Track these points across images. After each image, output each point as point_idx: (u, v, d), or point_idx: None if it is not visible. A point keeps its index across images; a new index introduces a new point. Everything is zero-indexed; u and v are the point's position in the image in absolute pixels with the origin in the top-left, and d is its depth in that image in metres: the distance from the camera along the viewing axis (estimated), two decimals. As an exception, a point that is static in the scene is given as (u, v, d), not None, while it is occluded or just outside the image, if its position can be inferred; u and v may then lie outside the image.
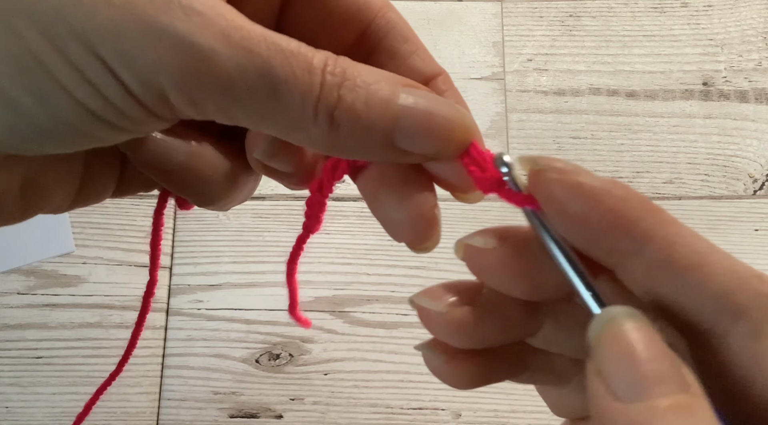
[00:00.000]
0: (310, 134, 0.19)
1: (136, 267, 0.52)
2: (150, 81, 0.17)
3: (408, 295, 0.57)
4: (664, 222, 0.18)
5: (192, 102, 0.18)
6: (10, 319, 0.51)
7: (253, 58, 0.17)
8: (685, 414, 0.16)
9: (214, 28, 0.17)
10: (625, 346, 0.17)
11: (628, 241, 0.18)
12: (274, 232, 0.53)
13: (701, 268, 0.17)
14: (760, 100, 0.57)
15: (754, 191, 0.55)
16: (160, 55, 0.16)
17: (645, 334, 0.17)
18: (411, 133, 0.19)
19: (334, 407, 0.49)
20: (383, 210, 0.21)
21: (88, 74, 0.17)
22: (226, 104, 0.18)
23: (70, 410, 0.49)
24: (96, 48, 0.16)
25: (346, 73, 0.18)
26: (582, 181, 0.18)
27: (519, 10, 0.60)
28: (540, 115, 0.57)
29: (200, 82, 0.17)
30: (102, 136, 0.19)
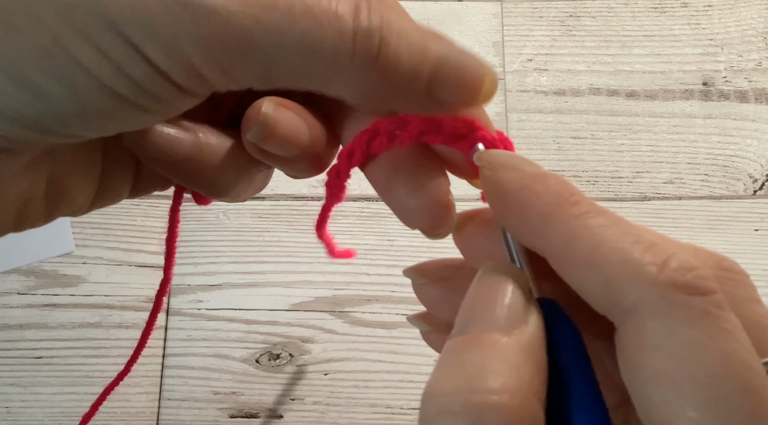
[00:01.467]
0: (348, 82, 0.18)
1: (136, 267, 0.52)
2: (176, 52, 0.17)
3: (408, 295, 0.57)
4: (570, 214, 0.17)
5: (222, 69, 0.17)
6: (10, 319, 0.51)
7: (271, 14, 0.17)
8: (480, 345, 0.16)
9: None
10: (472, 292, 0.18)
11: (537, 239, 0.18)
12: (274, 232, 0.53)
13: (595, 261, 0.16)
14: (760, 100, 0.57)
15: (754, 191, 0.55)
16: (181, 23, 0.16)
17: (495, 282, 0.17)
18: (447, 81, 0.19)
19: (334, 407, 0.49)
20: (397, 197, 0.21)
21: (111, 53, 0.17)
22: (257, 65, 0.18)
23: (70, 410, 0.49)
24: (117, 24, 0.16)
25: (383, 17, 0.18)
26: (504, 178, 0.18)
27: (519, 10, 0.60)
28: (540, 115, 0.57)
29: (225, 45, 0.17)
30: (132, 118, 0.19)
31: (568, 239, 0.17)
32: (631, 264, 0.16)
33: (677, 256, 0.16)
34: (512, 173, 0.19)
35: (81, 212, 0.24)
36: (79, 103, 0.17)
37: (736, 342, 0.15)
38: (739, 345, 0.15)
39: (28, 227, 0.22)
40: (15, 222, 0.21)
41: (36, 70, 0.17)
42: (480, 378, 0.15)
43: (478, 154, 0.20)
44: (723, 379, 0.14)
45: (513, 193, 0.18)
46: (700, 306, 0.15)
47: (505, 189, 0.18)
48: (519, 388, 0.15)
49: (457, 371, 0.16)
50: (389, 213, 0.58)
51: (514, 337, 0.16)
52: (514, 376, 0.15)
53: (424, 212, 0.21)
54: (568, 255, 0.17)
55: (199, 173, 0.23)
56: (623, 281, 0.16)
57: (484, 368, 0.15)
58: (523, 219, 0.18)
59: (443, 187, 0.21)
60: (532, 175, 0.18)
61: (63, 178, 0.22)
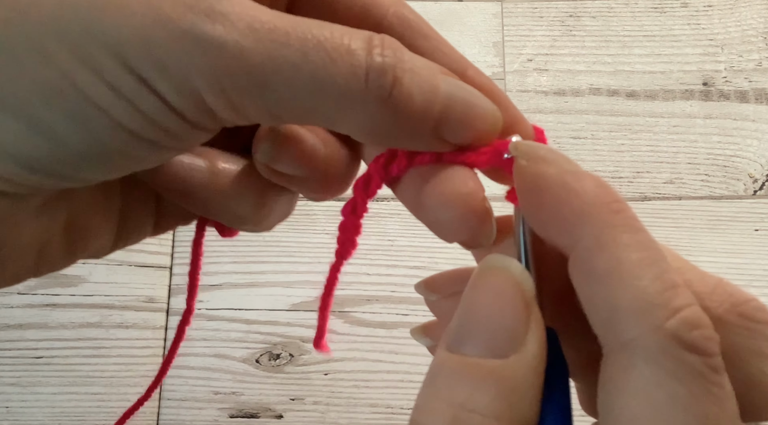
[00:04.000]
0: (359, 119, 0.18)
1: (137, 267, 0.52)
2: (186, 88, 0.16)
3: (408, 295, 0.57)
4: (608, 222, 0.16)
5: (231, 105, 0.17)
6: (10, 319, 0.51)
7: (282, 49, 0.17)
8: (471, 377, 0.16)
9: (240, 25, 0.16)
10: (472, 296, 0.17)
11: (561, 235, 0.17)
12: (274, 232, 0.53)
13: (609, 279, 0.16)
14: (760, 100, 0.57)
15: (754, 191, 0.55)
16: (192, 58, 0.16)
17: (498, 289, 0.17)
18: (454, 122, 0.19)
19: (334, 407, 0.49)
20: (429, 213, 0.20)
21: (123, 90, 0.16)
22: (267, 103, 0.17)
23: (70, 410, 0.49)
24: (128, 60, 0.16)
25: (397, 54, 0.18)
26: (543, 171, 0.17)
27: (519, 10, 0.60)
28: (540, 115, 0.57)
29: (235, 82, 0.16)
30: (143, 156, 0.18)
31: (594, 246, 0.16)
32: (643, 301, 0.15)
33: (691, 309, 0.15)
34: (552, 167, 0.18)
35: (103, 253, 0.23)
36: (90, 142, 0.17)
37: (720, 409, 0.15)
38: (722, 412, 0.15)
39: (48, 271, 0.21)
40: (34, 267, 0.21)
41: (45, 108, 0.16)
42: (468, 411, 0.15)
43: (515, 144, 0.19)
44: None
45: (550, 188, 0.17)
46: (694, 365, 0.15)
47: (542, 182, 0.17)
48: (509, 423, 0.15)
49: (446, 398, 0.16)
50: (389, 214, 0.58)
51: (511, 364, 0.16)
52: (506, 409, 0.15)
53: (460, 223, 0.20)
54: (588, 262, 0.16)
55: (216, 201, 0.23)
56: (630, 314, 0.15)
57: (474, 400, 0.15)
58: (555, 215, 0.17)
59: (477, 193, 0.19)
60: (572, 172, 0.17)
61: (81, 218, 0.21)
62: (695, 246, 0.53)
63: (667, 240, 0.53)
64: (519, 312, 0.16)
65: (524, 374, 0.16)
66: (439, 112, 0.18)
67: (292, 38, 0.17)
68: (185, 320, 0.28)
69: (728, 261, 0.53)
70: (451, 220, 0.20)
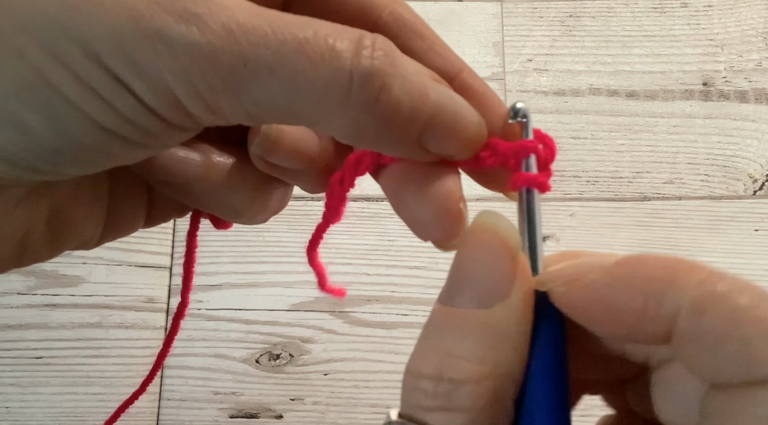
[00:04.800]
0: (340, 124, 0.17)
1: (136, 267, 0.52)
2: (160, 87, 0.16)
3: (408, 295, 0.57)
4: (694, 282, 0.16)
5: (207, 106, 0.17)
6: (10, 319, 0.51)
7: (259, 51, 0.16)
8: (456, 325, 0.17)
9: (215, 26, 0.16)
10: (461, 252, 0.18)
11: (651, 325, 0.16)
12: (274, 232, 0.53)
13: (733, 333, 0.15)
14: (760, 100, 0.57)
15: (754, 191, 0.55)
16: (163, 58, 0.16)
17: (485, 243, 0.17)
18: (439, 134, 0.18)
19: (334, 407, 0.49)
20: (407, 208, 0.20)
21: (96, 87, 0.16)
22: (242, 104, 0.17)
23: (70, 410, 0.49)
24: (101, 57, 0.16)
25: (389, 57, 0.17)
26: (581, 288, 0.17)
27: (519, 10, 0.60)
28: (540, 115, 0.57)
29: (208, 83, 0.16)
30: (122, 153, 0.18)
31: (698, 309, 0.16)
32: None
33: None
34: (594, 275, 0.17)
35: (91, 245, 0.23)
36: (65, 138, 0.17)
37: None
38: None
39: (31, 262, 0.21)
40: (16, 257, 0.20)
41: (19, 104, 0.16)
42: (454, 357, 0.16)
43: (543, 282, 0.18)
44: None
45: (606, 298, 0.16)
46: None
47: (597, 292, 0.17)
48: (493, 367, 0.16)
49: (435, 347, 0.17)
50: (389, 214, 0.58)
51: (495, 313, 0.17)
52: (489, 355, 0.16)
53: (435, 222, 0.20)
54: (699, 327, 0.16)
55: (211, 194, 0.22)
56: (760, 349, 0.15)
57: (460, 346, 0.16)
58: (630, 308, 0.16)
59: (454, 194, 0.19)
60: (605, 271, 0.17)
61: (65, 209, 0.21)
62: (695, 246, 0.53)
63: (667, 240, 0.53)
64: (504, 265, 0.17)
65: (507, 322, 0.17)
66: (425, 121, 0.18)
67: (269, 39, 0.16)
68: (180, 313, 0.28)
69: (728, 261, 0.53)
70: (425, 219, 0.20)
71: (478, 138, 0.19)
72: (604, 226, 0.54)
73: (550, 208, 0.54)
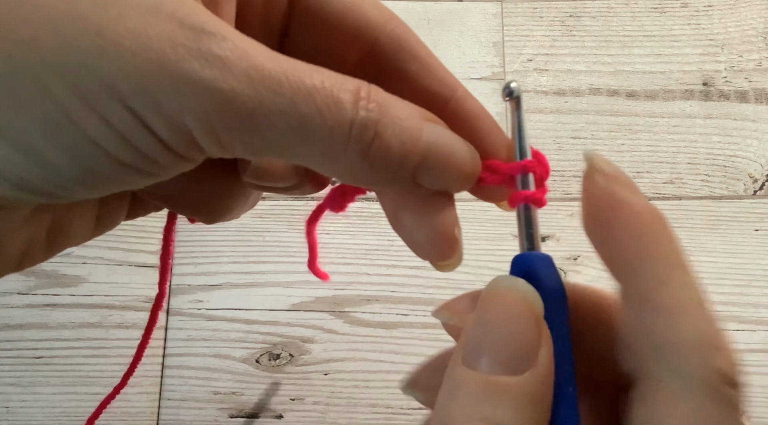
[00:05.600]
0: (338, 167, 0.19)
1: (137, 267, 0.52)
2: (178, 126, 0.17)
3: (408, 295, 0.57)
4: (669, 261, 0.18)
5: (219, 142, 0.18)
6: (10, 319, 0.51)
7: (275, 97, 0.17)
8: (493, 394, 0.17)
9: (236, 70, 0.17)
10: (485, 315, 0.18)
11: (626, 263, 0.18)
12: (274, 232, 0.53)
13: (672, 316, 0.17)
14: (760, 100, 0.57)
15: (754, 191, 0.55)
16: (186, 99, 0.17)
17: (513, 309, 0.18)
18: (432, 171, 0.19)
19: (334, 407, 0.49)
20: (404, 230, 0.22)
21: (118, 126, 0.17)
22: (254, 143, 0.18)
23: (70, 410, 0.49)
24: (125, 98, 0.16)
25: (382, 108, 0.18)
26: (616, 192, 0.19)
27: (519, 10, 0.60)
28: (540, 115, 0.57)
29: (226, 124, 0.17)
30: (132, 181, 0.19)
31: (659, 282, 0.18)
32: (704, 340, 0.17)
33: (734, 352, 0.18)
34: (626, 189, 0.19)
35: (79, 242, 0.24)
36: (82, 170, 0.17)
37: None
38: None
39: (29, 266, 0.22)
40: (16, 265, 0.21)
41: (42, 139, 0.17)
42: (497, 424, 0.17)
43: (590, 156, 0.19)
44: None
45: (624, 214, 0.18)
46: (735, 399, 0.17)
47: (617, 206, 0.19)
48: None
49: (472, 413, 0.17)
50: (389, 213, 0.57)
51: (527, 380, 0.17)
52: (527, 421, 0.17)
53: (431, 246, 0.21)
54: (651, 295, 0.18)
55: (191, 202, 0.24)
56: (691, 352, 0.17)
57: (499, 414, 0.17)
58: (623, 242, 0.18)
59: (449, 221, 0.21)
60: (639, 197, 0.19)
61: (64, 219, 0.22)
62: (695, 246, 0.53)
63: (667, 240, 0.53)
64: (531, 331, 0.18)
65: (538, 388, 0.17)
66: (417, 161, 0.19)
67: (284, 86, 0.17)
68: (158, 304, 0.30)
69: (728, 261, 0.53)
70: (421, 242, 0.21)
71: (472, 172, 0.20)
72: (604, 226, 0.54)
73: (550, 208, 0.54)
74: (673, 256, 0.18)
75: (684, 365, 0.17)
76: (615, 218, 0.18)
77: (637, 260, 0.18)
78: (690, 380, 0.17)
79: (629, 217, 0.18)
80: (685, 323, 0.17)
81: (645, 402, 0.17)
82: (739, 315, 0.51)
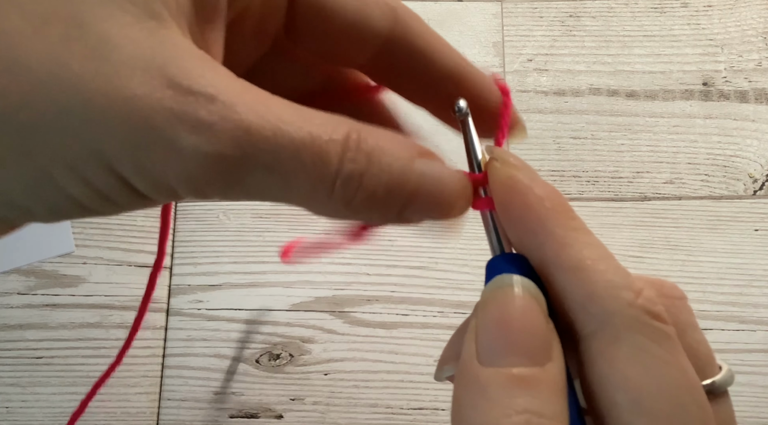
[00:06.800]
0: (321, 212, 0.19)
1: (136, 267, 0.52)
2: (161, 184, 0.17)
3: (408, 295, 0.57)
4: (567, 226, 0.19)
5: (201, 193, 0.18)
6: (10, 319, 0.51)
7: (260, 154, 0.17)
8: (526, 386, 0.17)
9: (222, 135, 0.17)
10: (499, 312, 0.19)
11: (531, 235, 0.19)
12: (274, 232, 0.53)
13: (582, 271, 0.18)
14: (760, 100, 0.57)
15: (754, 191, 0.55)
16: (171, 164, 0.17)
17: (523, 304, 0.19)
18: (419, 209, 0.20)
19: (334, 407, 0.49)
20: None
21: (100, 187, 0.17)
22: (234, 193, 0.18)
23: (70, 410, 0.49)
24: (110, 163, 0.17)
25: (370, 157, 0.19)
26: (514, 174, 0.20)
27: (519, 10, 0.60)
28: (540, 115, 0.57)
29: (208, 180, 0.17)
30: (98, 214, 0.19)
31: (562, 245, 0.19)
32: (614, 285, 0.18)
33: (648, 289, 0.19)
34: (521, 172, 0.20)
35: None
36: (54, 215, 0.18)
37: (687, 361, 0.18)
38: (688, 363, 0.18)
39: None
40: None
41: (23, 197, 0.17)
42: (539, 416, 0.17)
43: (490, 148, 0.21)
44: (684, 390, 0.18)
45: (521, 191, 0.20)
46: (664, 330, 0.18)
47: (514, 185, 0.20)
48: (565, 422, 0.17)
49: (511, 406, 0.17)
50: (389, 214, 0.57)
51: (551, 370, 0.18)
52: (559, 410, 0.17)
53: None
54: (558, 259, 0.19)
55: None
56: (606, 298, 0.18)
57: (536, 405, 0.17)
58: (525, 217, 0.20)
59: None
60: (536, 179, 0.20)
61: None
62: (695, 246, 0.53)
63: (667, 240, 0.53)
64: (544, 325, 0.19)
65: (561, 377, 0.18)
66: (402, 204, 0.19)
67: (270, 143, 0.17)
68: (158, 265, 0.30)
69: (728, 261, 0.53)
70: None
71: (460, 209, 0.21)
72: (604, 226, 0.54)
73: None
74: (572, 222, 0.19)
75: (605, 312, 0.18)
76: (516, 198, 0.20)
77: (541, 231, 0.19)
78: (616, 324, 0.18)
79: (528, 195, 0.20)
80: (594, 275, 0.18)
81: (589, 358, 0.18)
82: (739, 315, 0.51)
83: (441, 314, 0.51)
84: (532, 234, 0.19)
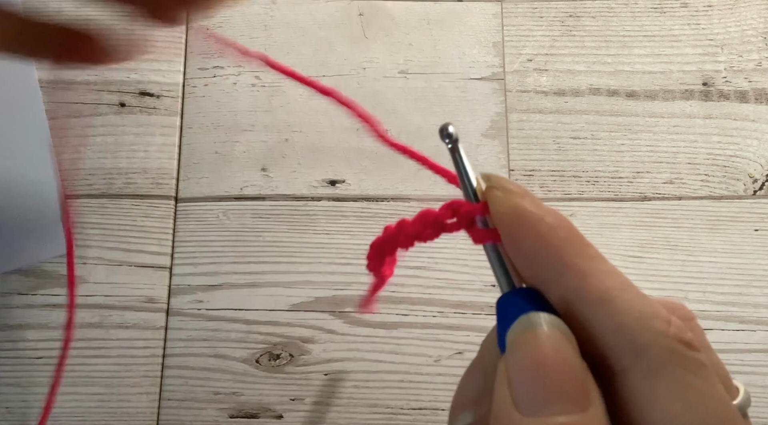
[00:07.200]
0: None
1: (137, 267, 0.52)
2: None
3: (408, 295, 0.57)
4: (585, 255, 0.18)
5: None
6: (10, 319, 0.51)
7: None
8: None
9: None
10: (534, 357, 0.18)
11: (548, 268, 0.18)
12: (274, 232, 0.53)
13: (609, 303, 0.18)
14: (760, 100, 0.57)
15: (754, 191, 0.55)
16: None
17: (557, 347, 0.18)
18: None
19: (334, 407, 0.49)
20: None
21: None
22: None
23: (70, 410, 0.49)
24: None
25: None
26: (519, 204, 0.19)
27: (519, 10, 0.60)
28: (540, 115, 0.57)
29: None
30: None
31: (583, 276, 0.18)
32: (645, 315, 0.18)
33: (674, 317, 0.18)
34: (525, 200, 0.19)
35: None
36: None
37: (724, 391, 0.18)
38: (725, 393, 0.18)
39: None
40: None
41: None
42: None
43: (486, 175, 0.20)
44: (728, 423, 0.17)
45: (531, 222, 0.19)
46: (700, 360, 0.18)
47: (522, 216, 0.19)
48: None
49: None
50: (389, 214, 0.58)
51: (593, 416, 0.17)
52: None
53: None
54: (581, 291, 0.18)
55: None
56: (638, 329, 0.17)
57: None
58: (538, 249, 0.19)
59: None
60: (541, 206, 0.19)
61: None
62: (695, 246, 0.53)
63: (667, 240, 0.53)
64: (580, 364, 0.18)
65: (605, 420, 0.17)
66: None
67: None
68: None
69: (728, 261, 0.53)
70: None
71: None
72: (604, 226, 0.54)
73: (550, 208, 0.54)
74: (588, 250, 0.19)
75: (639, 344, 0.17)
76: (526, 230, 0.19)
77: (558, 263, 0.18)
78: (652, 357, 0.17)
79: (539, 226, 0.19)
80: (622, 305, 0.18)
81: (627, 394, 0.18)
82: (739, 315, 0.51)
83: (441, 314, 0.51)
84: (548, 267, 0.18)
